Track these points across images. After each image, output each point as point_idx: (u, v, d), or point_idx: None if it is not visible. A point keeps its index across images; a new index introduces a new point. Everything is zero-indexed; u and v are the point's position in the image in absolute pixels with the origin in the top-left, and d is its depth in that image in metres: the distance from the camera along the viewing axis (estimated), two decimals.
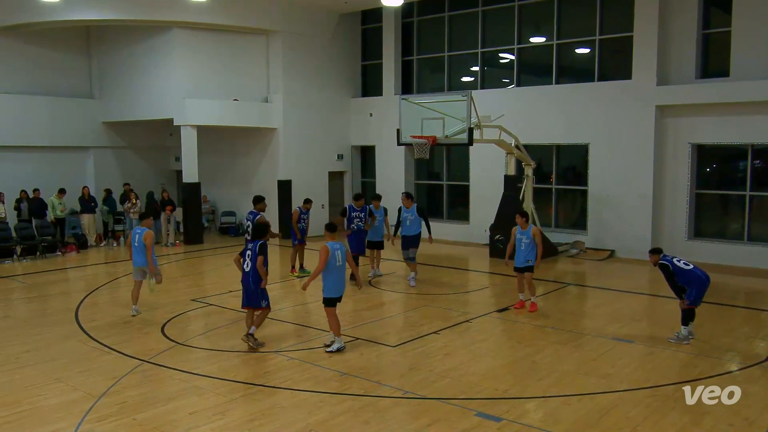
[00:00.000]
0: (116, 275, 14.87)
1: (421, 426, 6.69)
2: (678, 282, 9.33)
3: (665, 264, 9.32)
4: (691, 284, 9.24)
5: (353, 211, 13.57)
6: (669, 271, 9.31)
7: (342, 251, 9.03)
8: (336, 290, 9.02)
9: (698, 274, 9.28)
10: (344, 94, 21.93)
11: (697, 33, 15.81)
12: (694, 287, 9.22)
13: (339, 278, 9.02)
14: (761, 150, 15.52)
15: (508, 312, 11.29)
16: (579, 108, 17.30)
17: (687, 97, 15.77)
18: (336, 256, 8.90)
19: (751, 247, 15.34)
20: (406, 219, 13.36)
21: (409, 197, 13.61)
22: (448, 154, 20.57)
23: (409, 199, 13.52)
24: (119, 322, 10.73)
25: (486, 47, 19.54)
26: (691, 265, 9.36)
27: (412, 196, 13.88)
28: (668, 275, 9.36)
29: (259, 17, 19.34)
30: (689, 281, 9.25)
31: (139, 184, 20.76)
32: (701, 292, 9.29)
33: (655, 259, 9.48)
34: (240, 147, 21.31)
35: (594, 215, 17.35)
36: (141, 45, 19.44)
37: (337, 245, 9.00)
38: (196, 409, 7.14)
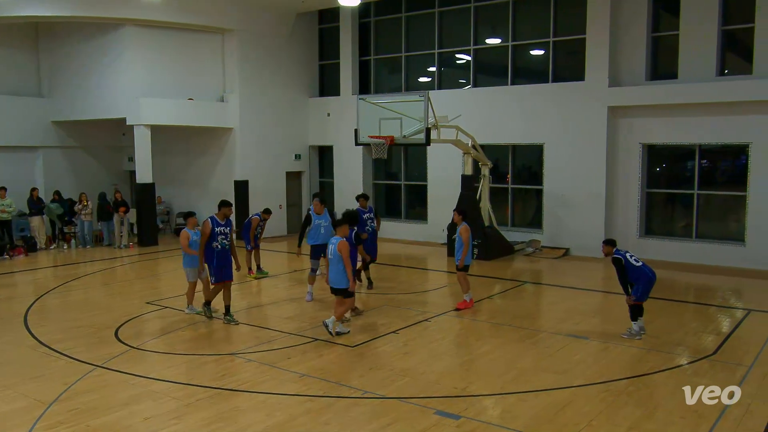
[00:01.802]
0: (67, 278, 14.49)
1: (381, 425, 6.70)
2: (628, 277, 9.57)
3: (618, 258, 9.52)
4: (638, 281, 9.50)
5: (362, 214, 12.57)
6: (621, 265, 9.52)
7: (333, 246, 9.57)
8: (331, 281, 9.70)
9: (646, 271, 9.53)
10: (301, 94, 21.81)
11: (647, 36, 16.24)
12: (641, 284, 9.48)
13: (333, 271, 9.65)
14: (708, 150, 16.02)
15: (465, 311, 11.38)
16: (534, 108, 17.57)
17: (637, 98, 16.18)
18: (329, 249, 9.68)
19: (699, 244, 15.82)
20: (320, 226, 11.92)
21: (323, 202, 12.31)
22: (405, 154, 20.66)
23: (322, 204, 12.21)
24: (71, 327, 10.45)
25: (443, 48, 19.69)
26: (640, 262, 9.62)
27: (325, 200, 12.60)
28: (620, 269, 9.57)
29: (214, 16, 19.09)
30: (637, 278, 9.50)
31: (90, 184, 20.28)
32: (648, 288, 9.55)
33: (608, 251, 9.67)
34: (196, 147, 21.00)
35: (549, 214, 17.65)
36: (93, 42, 18.97)
37: (333, 240, 9.69)
38: (152, 414, 7.01)
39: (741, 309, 11.93)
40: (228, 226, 10.58)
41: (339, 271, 9.57)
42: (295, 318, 10.95)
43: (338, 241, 9.59)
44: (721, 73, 15.54)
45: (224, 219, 10.54)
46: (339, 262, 9.52)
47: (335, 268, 9.60)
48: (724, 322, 11.00)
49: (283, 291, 13.35)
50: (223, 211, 10.58)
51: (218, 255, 10.35)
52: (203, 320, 10.74)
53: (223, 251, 10.41)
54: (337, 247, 9.49)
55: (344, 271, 9.51)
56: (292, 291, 13.29)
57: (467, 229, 11.26)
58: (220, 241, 10.35)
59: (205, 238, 10.33)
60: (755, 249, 15.00)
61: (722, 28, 15.37)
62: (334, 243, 9.62)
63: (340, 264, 9.51)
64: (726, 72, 15.69)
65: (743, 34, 15.40)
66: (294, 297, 12.61)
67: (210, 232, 10.31)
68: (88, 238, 18.97)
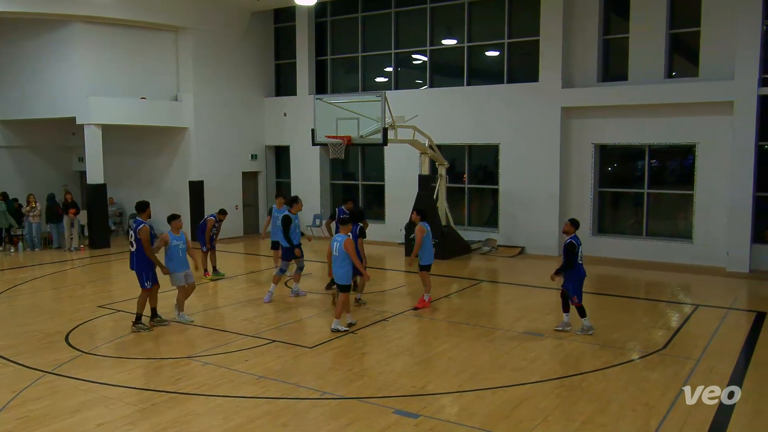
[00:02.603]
0: (14, 282, 14.04)
1: (340, 426, 6.69)
2: (569, 265, 9.61)
3: (574, 244, 9.59)
4: (571, 278, 9.62)
5: (342, 215, 12.31)
6: (574, 252, 9.57)
7: (339, 243, 9.81)
8: (336, 277, 9.97)
9: (581, 270, 9.70)
10: (257, 94, 21.62)
11: (599, 38, 16.61)
12: (572, 281, 9.62)
13: (334, 266, 9.96)
14: (657, 150, 16.47)
15: (423, 310, 11.44)
16: (489, 109, 17.78)
17: (589, 99, 16.53)
18: (333, 246, 9.91)
19: (649, 242, 16.25)
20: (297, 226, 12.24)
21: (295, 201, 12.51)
22: (363, 154, 20.66)
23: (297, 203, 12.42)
24: (19, 333, 10.13)
25: (399, 48, 19.76)
26: (581, 261, 9.74)
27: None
28: (571, 255, 9.58)
29: (167, 13, 18.75)
30: (572, 274, 9.62)
31: (39, 185, 19.70)
32: (580, 286, 9.69)
33: (569, 230, 9.74)
34: (149, 147, 20.59)
35: (505, 213, 17.88)
36: (39, 39, 18.44)
37: (338, 237, 9.92)
38: (105, 420, 6.84)
39: (689, 304, 12.30)
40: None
41: (345, 268, 9.84)
42: (253, 320, 10.84)
43: (344, 238, 9.83)
44: (669, 76, 16.00)
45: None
46: (345, 259, 9.78)
47: (342, 265, 9.83)
48: (674, 318, 11.33)
49: (240, 292, 13.20)
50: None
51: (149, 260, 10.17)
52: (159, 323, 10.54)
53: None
54: (343, 245, 9.78)
55: (349, 268, 9.83)
56: (249, 292, 13.15)
57: (421, 229, 11.37)
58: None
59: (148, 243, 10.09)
60: (702, 246, 15.49)
61: (670, 31, 15.83)
62: (339, 240, 9.84)
63: (346, 261, 9.78)
64: (674, 74, 16.16)
65: (690, 38, 15.88)
66: (252, 298, 12.48)
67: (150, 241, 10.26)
68: (36, 241, 18.42)
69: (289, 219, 11.95)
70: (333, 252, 9.93)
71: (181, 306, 10.71)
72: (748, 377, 8.15)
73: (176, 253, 10.35)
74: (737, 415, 6.91)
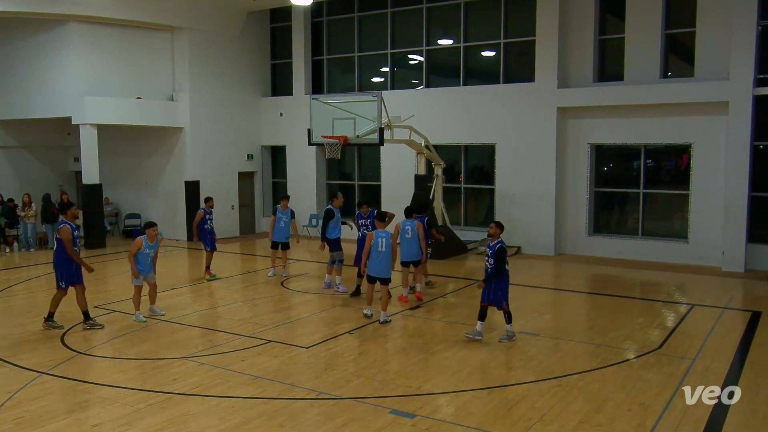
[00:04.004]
0: (9, 282, 13.99)
1: (337, 426, 6.68)
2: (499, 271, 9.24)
3: (504, 249, 9.29)
4: (501, 284, 9.31)
5: (360, 219, 12.45)
6: (504, 257, 9.27)
7: (386, 239, 10.36)
8: (372, 270, 10.48)
9: (507, 274, 9.42)
10: (254, 93, 21.59)
11: (595, 39, 16.64)
12: (502, 287, 9.34)
13: (377, 261, 10.40)
14: (653, 150, 16.51)
15: (420, 309, 11.45)
16: (485, 109, 17.79)
17: (585, 99, 16.56)
18: (378, 242, 10.35)
19: (645, 242, 16.28)
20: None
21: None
22: (359, 154, 20.65)
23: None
24: (14, 333, 10.11)
25: (395, 48, 19.76)
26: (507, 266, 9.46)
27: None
28: (501, 259, 9.23)
29: (163, 13, 18.71)
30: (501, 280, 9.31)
31: (35, 186, 19.63)
32: (507, 291, 9.44)
33: (496, 233, 9.31)
34: (145, 147, 20.55)
35: (501, 213, 17.85)
36: (35, 39, 18.37)
37: (382, 233, 10.42)
38: (100, 421, 6.83)
39: (685, 304, 12.32)
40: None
41: (386, 262, 10.39)
42: (249, 320, 10.83)
43: (388, 234, 10.44)
44: (664, 76, 16.03)
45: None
46: (389, 253, 10.39)
47: (385, 259, 10.35)
48: (669, 317, 11.36)
49: (236, 293, 13.18)
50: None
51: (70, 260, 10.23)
52: (154, 323, 10.52)
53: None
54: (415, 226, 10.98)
55: (389, 261, 10.45)
56: (245, 293, 13.14)
57: (419, 226, 11.70)
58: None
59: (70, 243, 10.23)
60: (698, 245, 15.53)
61: (665, 32, 15.86)
62: (383, 236, 10.38)
63: (389, 255, 10.38)
64: (669, 74, 16.19)
65: (685, 38, 15.92)
66: (247, 299, 12.47)
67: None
68: (32, 241, 18.37)
69: (332, 212, 12.77)
70: (378, 247, 10.32)
71: (152, 299, 11.07)
72: (744, 376, 8.17)
73: (144, 259, 10.73)
74: (732, 414, 6.93)
